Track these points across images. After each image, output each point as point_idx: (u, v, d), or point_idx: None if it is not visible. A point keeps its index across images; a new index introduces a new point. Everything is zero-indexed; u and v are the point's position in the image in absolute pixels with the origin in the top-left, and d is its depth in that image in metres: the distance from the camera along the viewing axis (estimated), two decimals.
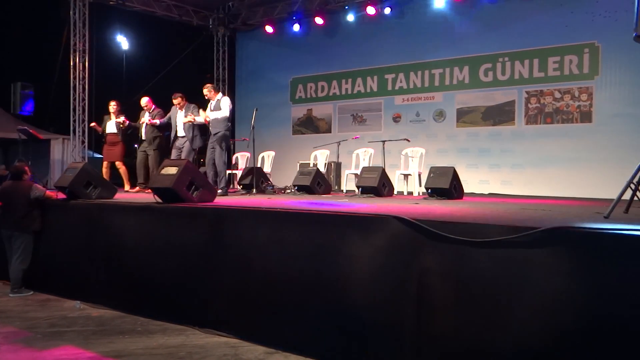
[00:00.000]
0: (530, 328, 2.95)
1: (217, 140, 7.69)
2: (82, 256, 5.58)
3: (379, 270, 3.58)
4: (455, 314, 3.21)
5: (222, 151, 7.69)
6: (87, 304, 5.29)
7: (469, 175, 10.41)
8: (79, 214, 5.77)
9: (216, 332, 4.33)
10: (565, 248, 2.90)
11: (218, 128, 7.70)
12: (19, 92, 9.87)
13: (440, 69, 11.44)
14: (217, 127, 7.71)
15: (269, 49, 14.14)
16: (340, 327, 3.73)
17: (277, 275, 4.12)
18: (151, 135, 8.67)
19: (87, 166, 6.21)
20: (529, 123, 10.41)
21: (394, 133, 11.61)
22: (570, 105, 9.97)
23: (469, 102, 11.11)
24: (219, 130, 7.69)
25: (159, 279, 4.91)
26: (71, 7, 11.98)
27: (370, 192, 7.59)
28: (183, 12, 13.79)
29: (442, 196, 6.87)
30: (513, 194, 10.03)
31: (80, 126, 12.17)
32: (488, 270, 3.12)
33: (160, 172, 5.47)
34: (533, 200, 7.59)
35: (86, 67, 12.16)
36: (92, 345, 4.10)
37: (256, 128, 8.54)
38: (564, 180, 9.76)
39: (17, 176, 5.92)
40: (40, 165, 11.60)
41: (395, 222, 3.56)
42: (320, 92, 13.32)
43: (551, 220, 3.54)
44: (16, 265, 5.75)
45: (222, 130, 7.68)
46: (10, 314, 5.02)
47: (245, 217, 4.52)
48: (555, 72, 10.12)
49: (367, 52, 12.37)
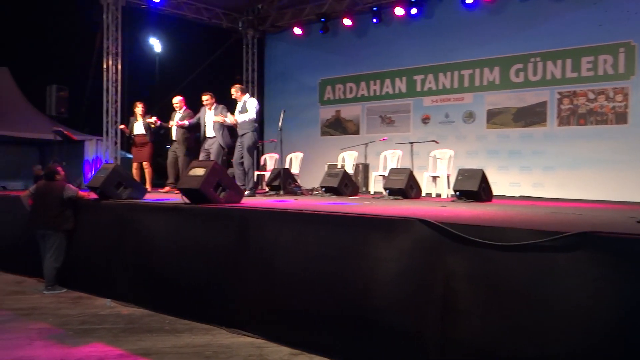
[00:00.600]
0: (559, 335, 2.89)
1: (244, 142, 7.74)
2: (113, 255, 5.70)
3: (403, 273, 3.56)
4: (481, 318, 3.16)
5: (250, 152, 7.73)
6: (117, 302, 5.40)
7: (499, 177, 10.27)
8: (109, 214, 5.89)
9: (242, 332, 4.37)
10: (596, 253, 2.83)
11: (245, 129, 7.75)
12: (54, 95, 10.11)
13: (470, 70, 11.30)
14: (244, 129, 7.76)
15: (297, 50, 14.20)
16: (364, 329, 3.71)
17: (302, 277, 4.13)
18: (182, 136, 8.78)
19: (118, 167, 6.35)
20: (561, 124, 10.21)
21: (422, 134, 11.53)
22: (604, 106, 9.74)
23: (499, 103, 10.95)
24: (246, 132, 7.73)
25: (187, 278, 4.97)
26: (104, 11, 12.24)
27: (397, 194, 7.55)
28: (213, 15, 13.96)
29: (470, 199, 6.78)
30: (545, 196, 9.83)
31: (112, 127, 12.41)
32: (515, 274, 3.07)
33: (188, 173, 5.54)
34: (565, 203, 7.43)
35: (118, 69, 12.40)
36: (121, 343, 4.18)
37: (285, 129, 8.58)
38: (598, 183, 9.54)
39: (51, 177, 6.08)
40: (74, 165, 11.88)
41: (420, 224, 3.53)
42: (348, 94, 13.30)
43: (582, 224, 3.46)
44: (49, 264, 5.91)
45: (249, 131, 7.73)
46: (44, 311, 5.16)
47: (271, 218, 4.54)
48: (589, 73, 9.90)
49: (395, 53, 12.31)
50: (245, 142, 7.72)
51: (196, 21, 13.94)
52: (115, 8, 12.33)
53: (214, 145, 8.19)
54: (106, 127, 12.42)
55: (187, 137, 8.79)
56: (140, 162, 9.11)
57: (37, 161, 13.33)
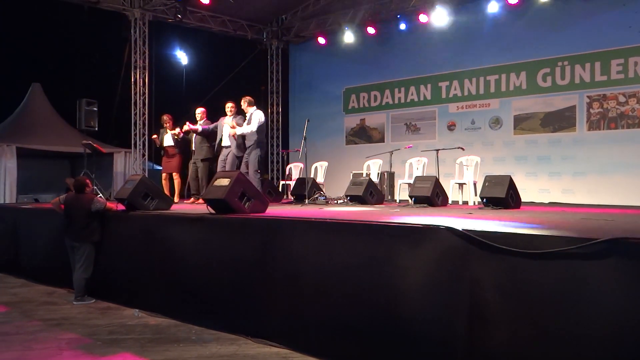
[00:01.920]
0: (589, 344, 2.80)
1: (248, 154, 7.94)
2: (141, 265, 5.76)
3: (429, 281, 3.51)
4: (509, 327, 3.10)
5: (254, 163, 7.88)
6: (145, 312, 5.46)
7: (528, 184, 10.11)
8: (137, 225, 5.96)
9: (268, 342, 4.36)
10: (628, 260, 2.75)
11: (249, 141, 7.97)
12: (84, 109, 10.32)
13: (495, 75, 11.17)
14: (249, 141, 7.97)
15: (321, 60, 14.26)
16: (391, 339, 3.67)
17: (328, 286, 4.10)
18: (199, 145, 8.91)
19: (145, 178, 6.41)
20: (591, 129, 10.00)
21: (448, 141, 11.42)
22: (636, 109, 9.52)
23: (526, 109, 10.79)
24: (250, 144, 7.94)
25: (213, 288, 4.99)
26: (132, 26, 12.50)
27: (423, 202, 7.47)
28: (238, 27, 14.11)
29: (498, 206, 6.67)
30: (575, 202, 9.64)
31: (140, 140, 12.63)
32: (544, 283, 3.00)
33: (214, 184, 5.58)
34: (596, 209, 7.26)
35: (146, 82, 12.63)
36: (148, 353, 4.21)
37: (309, 139, 8.60)
38: (629, 188, 9.30)
39: (79, 189, 6.19)
40: (104, 177, 12.07)
41: (446, 232, 3.48)
42: (373, 102, 13.28)
43: (613, 231, 3.36)
44: (79, 275, 6.00)
45: (253, 142, 7.91)
46: (74, 321, 5.24)
47: (296, 227, 4.53)
48: (619, 75, 9.69)
49: (419, 60, 12.26)
50: (251, 154, 7.91)
51: (221, 33, 14.11)
52: (143, 23, 12.57)
53: (229, 156, 8.28)
54: (134, 139, 12.64)
55: (204, 145, 8.90)
56: (170, 173, 9.25)
57: (68, 174, 13.59)
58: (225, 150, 8.39)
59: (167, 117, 9.36)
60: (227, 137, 8.36)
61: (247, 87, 15.42)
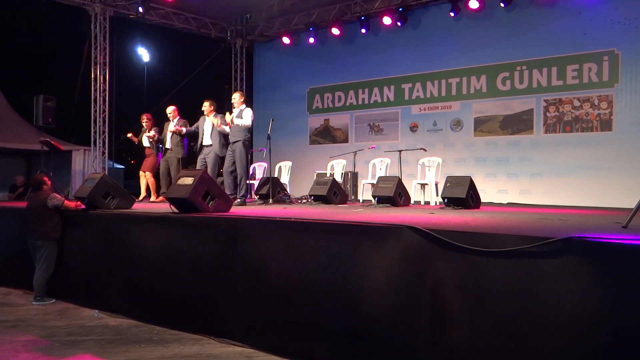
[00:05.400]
0: (547, 340, 2.90)
1: (235, 150, 7.74)
2: (101, 265, 5.65)
3: (392, 280, 3.57)
4: (470, 325, 3.18)
5: (242, 160, 7.72)
6: (105, 313, 5.35)
7: (487, 184, 10.35)
8: (97, 224, 5.84)
9: (231, 342, 4.35)
10: (582, 258, 2.86)
11: (237, 137, 7.75)
12: (41, 105, 10.03)
13: (457, 78, 11.40)
14: (237, 136, 7.76)
15: (286, 59, 14.25)
16: (354, 337, 3.71)
17: (291, 285, 4.12)
18: (175, 143, 8.83)
19: (105, 177, 6.29)
20: (547, 132, 10.31)
21: (411, 142, 11.59)
22: (589, 113, 9.85)
23: (486, 111, 11.04)
24: (238, 140, 7.73)
25: (176, 288, 4.94)
26: (92, 22, 12.22)
27: (386, 202, 7.56)
28: (201, 25, 13.97)
29: (458, 206, 6.81)
30: (532, 203, 9.91)
31: (100, 137, 12.36)
32: (503, 280, 3.09)
33: (177, 183, 5.52)
34: (552, 209, 7.49)
35: (107, 79, 12.36)
36: (109, 354, 4.14)
37: (273, 138, 8.57)
38: (584, 189, 9.63)
39: (36, 187, 6.05)
40: (62, 175, 11.78)
41: (408, 231, 3.54)
42: (337, 102, 13.35)
43: (568, 230, 3.49)
44: (39, 274, 5.86)
45: (240, 139, 7.73)
46: (31, 322, 5.10)
47: (260, 227, 4.54)
48: (574, 80, 10.02)
49: (383, 61, 12.39)
50: (237, 151, 7.72)
51: (184, 31, 13.94)
52: (103, 18, 12.31)
53: (211, 154, 8.17)
54: (94, 137, 12.36)
55: (178, 144, 8.82)
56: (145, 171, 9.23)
57: (24, 172, 13.20)
58: (207, 149, 8.26)
59: (146, 117, 9.30)
60: (208, 136, 8.24)
61: (211, 85, 15.32)
